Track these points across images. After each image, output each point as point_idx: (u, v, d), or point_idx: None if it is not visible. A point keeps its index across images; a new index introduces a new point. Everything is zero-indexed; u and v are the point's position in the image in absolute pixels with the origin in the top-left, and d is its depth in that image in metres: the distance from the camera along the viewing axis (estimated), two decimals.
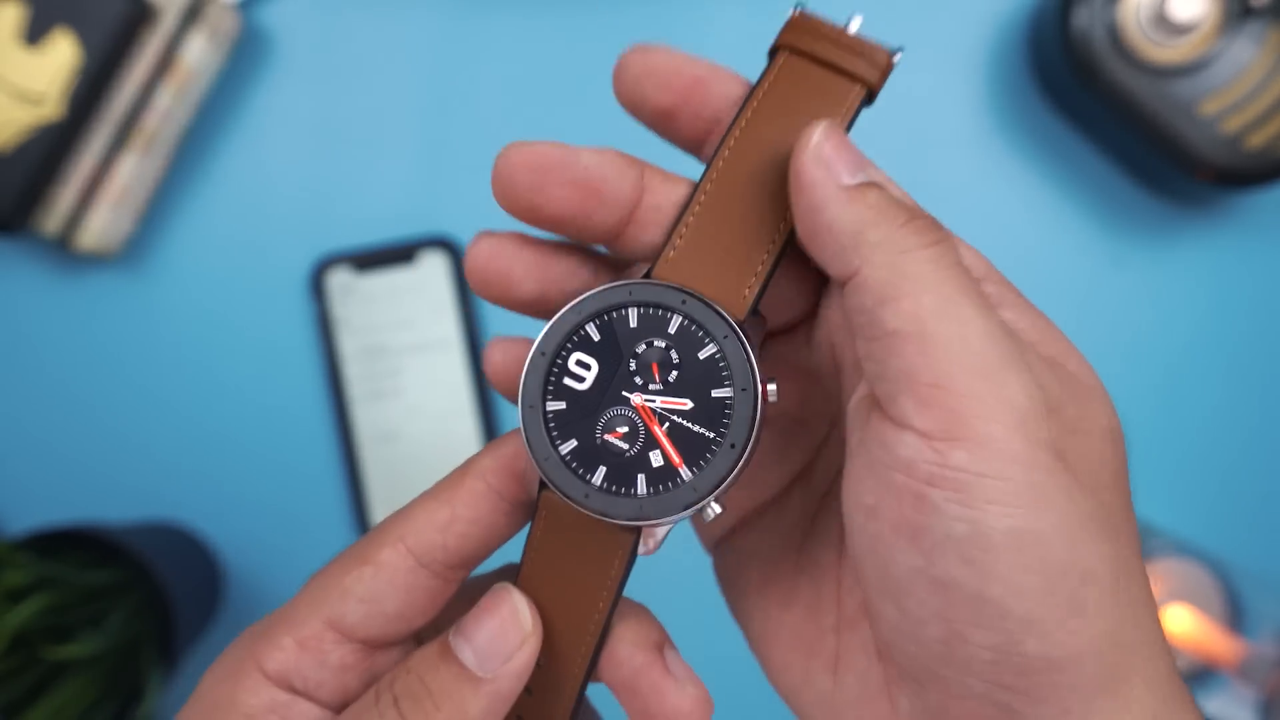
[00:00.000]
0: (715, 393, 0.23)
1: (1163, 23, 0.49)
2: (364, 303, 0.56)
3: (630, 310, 0.24)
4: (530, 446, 0.24)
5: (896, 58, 0.23)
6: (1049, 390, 0.21)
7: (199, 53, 0.54)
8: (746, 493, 0.28)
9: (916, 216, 0.21)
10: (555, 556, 0.24)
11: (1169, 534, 0.54)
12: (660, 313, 0.23)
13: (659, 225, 0.24)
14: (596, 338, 0.24)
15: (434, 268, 0.56)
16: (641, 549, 0.24)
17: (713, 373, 0.23)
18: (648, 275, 0.24)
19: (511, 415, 0.57)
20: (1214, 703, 0.49)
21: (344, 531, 0.56)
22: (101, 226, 0.54)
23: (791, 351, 0.27)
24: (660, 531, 0.24)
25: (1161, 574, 0.50)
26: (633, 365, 0.24)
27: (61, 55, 0.52)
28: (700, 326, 0.23)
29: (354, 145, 0.57)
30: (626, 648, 0.25)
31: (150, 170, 0.55)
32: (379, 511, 0.56)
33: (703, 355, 0.23)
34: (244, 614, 0.56)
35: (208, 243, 0.57)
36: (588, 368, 0.24)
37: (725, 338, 0.23)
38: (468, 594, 0.26)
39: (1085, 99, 0.52)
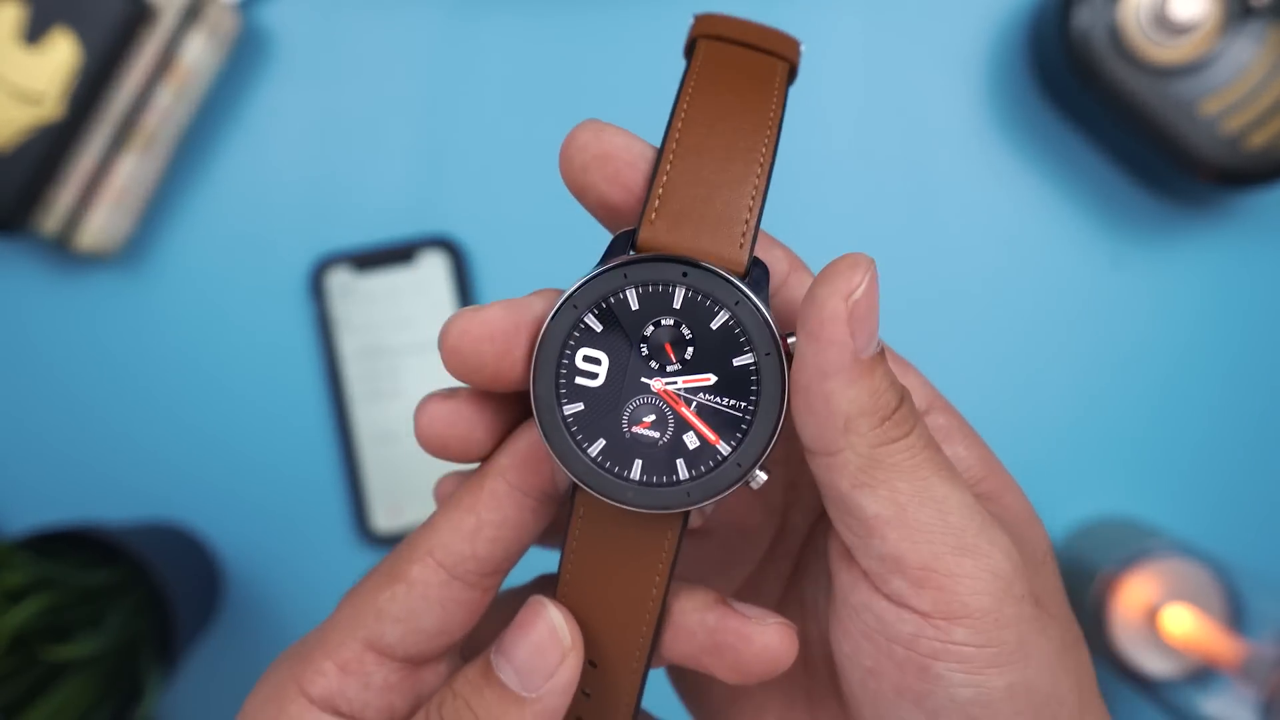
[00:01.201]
0: (736, 361, 0.22)
1: (1163, 23, 0.49)
2: (364, 303, 0.56)
3: (629, 292, 0.22)
4: (557, 455, 0.23)
5: (802, 46, 0.24)
6: (1011, 534, 0.23)
7: (199, 52, 0.54)
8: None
9: (903, 402, 0.22)
10: (598, 553, 0.24)
11: (1169, 534, 0.54)
12: (662, 289, 0.22)
13: None
14: (599, 328, 0.23)
15: (434, 267, 0.56)
16: (694, 523, 0.24)
17: (730, 341, 0.22)
18: (632, 243, 0.23)
19: None
20: (1214, 703, 0.49)
21: (344, 531, 0.56)
22: (101, 226, 0.54)
23: None
24: (709, 505, 0.23)
25: (1161, 574, 0.50)
26: (644, 350, 0.23)
27: (61, 55, 0.51)
28: (707, 296, 0.22)
29: (353, 145, 0.57)
30: (693, 616, 0.24)
31: (150, 170, 0.55)
32: (379, 511, 0.56)
33: (715, 325, 0.22)
34: (244, 614, 0.56)
35: (207, 243, 0.57)
36: (597, 362, 0.23)
37: (737, 304, 0.22)
38: (509, 606, 0.26)
39: (1085, 99, 0.52)
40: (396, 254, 0.56)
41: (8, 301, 0.57)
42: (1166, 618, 0.49)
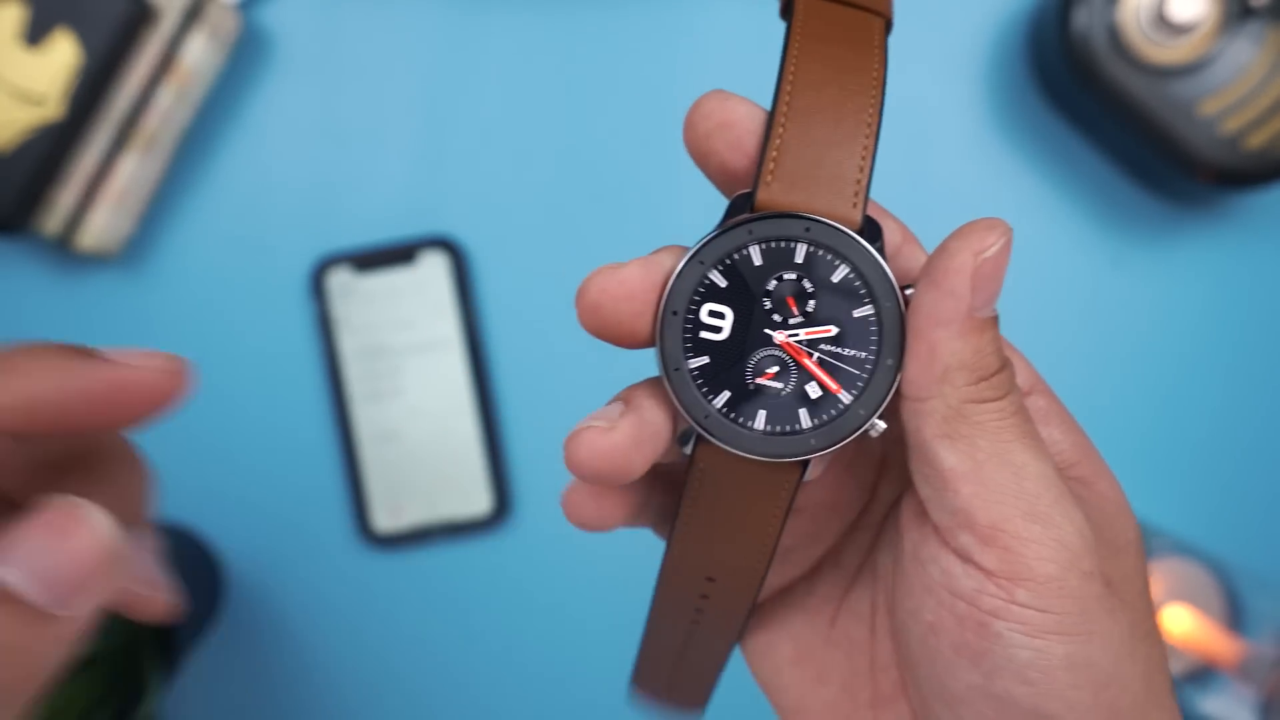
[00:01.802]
0: (857, 313, 0.23)
1: (1163, 23, 0.49)
2: (364, 303, 0.56)
3: (753, 248, 0.23)
4: (685, 409, 0.23)
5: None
6: (1092, 517, 0.23)
7: (199, 53, 0.54)
8: (774, 569, 0.28)
9: (1002, 368, 0.22)
10: (718, 503, 0.24)
11: (1169, 534, 0.54)
12: (785, 245, 0.23)
13: None
14: (724, 284, 0.23)
15: (434, 268, 0.56)
16: (810, 474, 0.24)
17: (850, 294, 0.23)
18: (751, 205, 0.23)
19: (512, 413, 0.56)
20: (1214, 703, 0.49)
21: (344, 531, 0.57)
22: (102, 227, 0.54)
23: None
24: (831, 453, 0.24)
25: (1161, 574, 0.50)
26: (767, 304, 0.23)
27: (62, 55, 0.52)
28: (829, 250, 0.23)
29: (354, 145, 0.57)
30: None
31: (150, 170, 0.55)
32: (379, 511, 0.56)
33: (836, 279, 0.23)
34: (245, 612, 0.56)
35: (208, 243, 0.57)
36: (722, 316, 0.23)
37: (857, 256, 0.23)
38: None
39: (1085, 99, 0.52)
40: (396, 254, 0.56)
41: (8, 302, 0.57)
42: (1166, 618, 0.49)
